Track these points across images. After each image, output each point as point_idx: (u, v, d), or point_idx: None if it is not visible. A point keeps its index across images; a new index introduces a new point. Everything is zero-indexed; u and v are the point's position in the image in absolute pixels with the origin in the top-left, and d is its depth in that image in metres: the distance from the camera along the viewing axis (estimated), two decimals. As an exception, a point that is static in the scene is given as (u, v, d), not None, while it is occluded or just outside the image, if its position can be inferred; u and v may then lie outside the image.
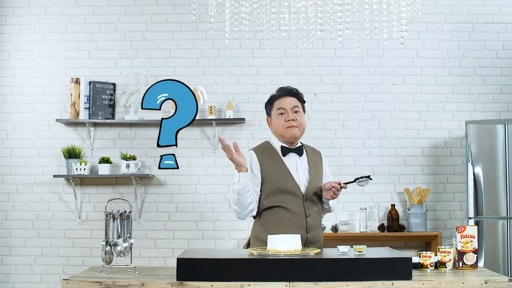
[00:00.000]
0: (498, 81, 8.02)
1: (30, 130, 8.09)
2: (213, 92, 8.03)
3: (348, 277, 3.97)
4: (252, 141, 7.88)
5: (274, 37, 5.71)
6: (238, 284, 3.94)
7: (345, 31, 5.10)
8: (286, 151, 4.94)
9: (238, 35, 6.21)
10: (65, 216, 8.02)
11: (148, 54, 8.10)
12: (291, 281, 3.94)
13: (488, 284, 4.01)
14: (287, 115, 4.90)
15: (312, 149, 5.14)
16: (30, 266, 8.01)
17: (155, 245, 7.98)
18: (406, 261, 4.04)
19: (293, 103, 4.95)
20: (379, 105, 8.01)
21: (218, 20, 5.46)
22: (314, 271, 3.97)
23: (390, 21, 5.49)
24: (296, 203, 4.85)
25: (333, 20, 5.31)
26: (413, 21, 7.82)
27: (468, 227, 4.53)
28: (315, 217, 4.93)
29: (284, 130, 4.90)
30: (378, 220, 7.82)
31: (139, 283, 4.01)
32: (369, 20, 6.50)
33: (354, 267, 4.02)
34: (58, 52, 8.13)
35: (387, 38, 5.77)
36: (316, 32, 5.48)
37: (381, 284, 3.94)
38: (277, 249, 4.25)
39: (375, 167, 7.95)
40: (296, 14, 5.57)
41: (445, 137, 7.98)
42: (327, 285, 3.93)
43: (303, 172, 4.94)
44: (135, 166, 7.78)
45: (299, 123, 4.92)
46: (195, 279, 3.99)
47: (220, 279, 3.97)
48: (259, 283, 3.94)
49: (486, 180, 7.20)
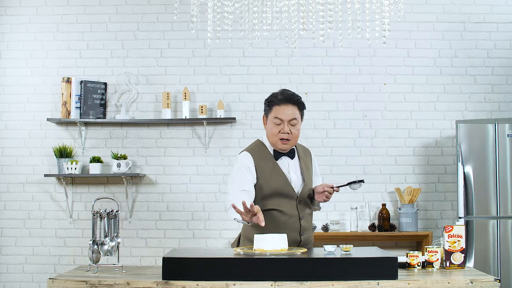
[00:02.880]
0: (490, 80, 8.02)
1: (22, 129, 8.09)
2: (204, 92, 8.03)
3: (333, 276, 3.96)
4: (243, 141, 7.89)
5: (265, 37, 5.72)
6: (223, 283, 3.93)
7: (327, 30, 5.09)
8: (279, 155, 4.92)
9: (227, 34, 6.22)
10: (56, 216, 8.02)
11: (140, 54, 8.10)
12: (276, 281, 3.93)
13: (474, 283, 4.01)
14: (283, 127, 4.83)
15: (302, 148, 5.12)
16: (21, 265, 8.01)
17: (146, 244, 7.98)
18: (392, 260, 4.04)
19: (291, 114, 4.84)
20: (370, 105, 8.01)
21: (210, 20, 5.46)
22: (300, 271, 3.97)
23: (373, 20, 5.48)
24: (290, 206, 4.84)
25: (315, 19, 5.31)
26: (404, 21, 7.95)
27: (455, 226, 4.52)
28: (307, 219, 4.94)
29: (277, 141, 4.85)
30: (369, 219, 7.83)
31: (125, 282, 4.01)
32: (354, 19, 6.48)
33: (339, 266, 4.01)
34: (49, 51, 8.13)
35: (369, 38, 5.77)
36: (299, 31, 5.48)
37: (366, 283, 3.94)
38: (263, 248, 4.25)
39: (366, 166, 7.95)
40: (287, 13, 5.56)
41: (437, 137, 7.98)
42: (313, 285, 3.93)
43: (296, 175, 4.93)
44: (126, 166, 7.78)
45: (293, 136, 4.85)
46: (181, 278, 3.98)
47: (205, 279, 3.96)
48: (244, 283, 3.94)
49: (476, 180, 7.20)
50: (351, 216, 7.78)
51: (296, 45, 5.74)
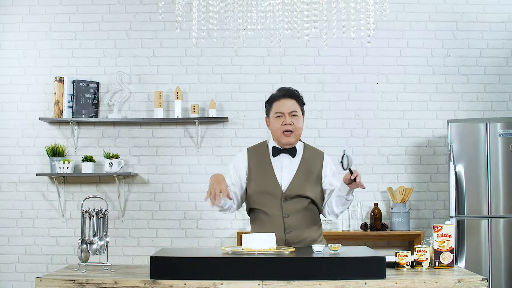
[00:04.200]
0: (482, 80, 8.03)
1: (14, 128, 8.08)
2: (197, 91, 8.03)
3: (321, 276, 3.96)
4: (235, 140, 7.90)
5: (257, 36, 5.72)
6: (210, 282, 3.93)
7: (312, 29, 5.09)
8: (277, 152, 4.93)
9: (221, 34, 6.23)
10: (49, 215, 8.02)
11: (132, 53, 8.10)
12: (264, 280, 3.94)
13: (462, 283, 4.01)
14: (284, 119, 4.86)
15: (313, 150, 5.08)
16: (14, 265, 8.01)
17: (139, 243, 7.98)
18: (379, 260, 4.04)
19: (291, 107, 4.88)
20: (363, 104, 8.01)
21: (195, 19, 5.47)
22: (287, 270, 3.97)
23: (358, 19, 5.49)
24: (274, 205, 4.85)
25: (300, 19, 5.32)
26: (396, 20, 7.96)
27: (444, 226, 4.52)
28: (297, 217, 4.87)
29: (281, 134, 4.86)
30: (361, 219, 7.83)
31: (112, 281, 4.01)
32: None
33: (327, 266, 4.01)
34: (42, 51, 8.13)
35: (361, 37, 5.78)
36: (284, 31, 5.49)
37: (354, 283, 3.94)
38: (251, 247, 4.25)
39: (358, 166, 7.94)
40: (280, 13, 5.56)
41: (429, 136, 7.98)
42: (300, 284, 3.93)
43: (288, 172, 4.91)
44: (118, 165, 7.78)
45: (296, 127, 4.86)
46: (169, 278, 3.99)
47: (193, 278, 3.96)
48: (232, 282, 3.94)
49: (468, 180, 7.20)
50: (343, 216, 7.76)
51: (282, 44, 5.74)
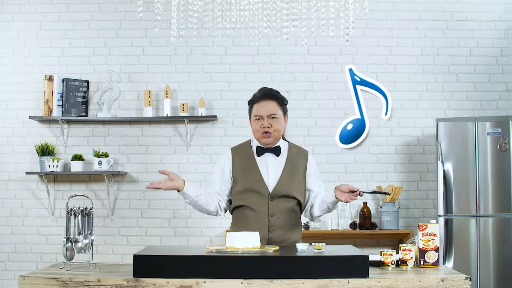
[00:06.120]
0: (472, 78, 8.04)
1: (4, 127, 8.08)
2: (186, 90, 8.04)
3: (304, 274, 3.96)
4: (225, 139, 7.91)
5: (247, 34, 5.73)
6: (193, 281, 3.93)
7: (291, 28, 5.10)
8: (261, 151, 4.95)
9: (208, 32, 6.22)
10: (38, 213, 8.02)
11: (122, 52, 8.10)
12: (246, 279, 3.94)
13: (445, 282, 4.02)
14: (263, 121, 4.87)
15: (298, 148, 5.09)
16: (3, 263, 8.01)
17: (128, 242, 7.98)
18: (363, 259, 4.04)
19: (270, 110, 4.88)
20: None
21: (174, 18, 5.49)
22: (270, 269, 3.97)
23: (337, 18, 5.50)
24: (260, 202, 4.85)
25: (279, 17, 5.33)
26: (386, 19, 7.97)
27: (429, 225, 4.52)
28: (282, 216, 4.88)
29: (259, 135, 4.90)
30: (350, 217, 7.83)
31: (95, 279, 4.01)
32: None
33: (310, 264, 4.01)
34: (32, 49, 8.13)
35: (334, 36, 5.78)
36: (264, 29, 5.50)
37: (337, 282, 3.94)
38: (235, 246, 4.26)
39: (347, 164, 7.96)
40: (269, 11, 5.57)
41: (418, 135, 7.99)
42: (283, 283, 3.93)
43: (274, 171, 4.92)
44: (107, 163, 7.77)
45: (275, 129, 4.88)
46: (152, 276, 3.99)
47: (176, 276, 3.97)
48: (214, 280, 3.94)
49: (456, 179, 7.21)
50: (332, 214, 7.76)
51: (261, 43, 5.76)
